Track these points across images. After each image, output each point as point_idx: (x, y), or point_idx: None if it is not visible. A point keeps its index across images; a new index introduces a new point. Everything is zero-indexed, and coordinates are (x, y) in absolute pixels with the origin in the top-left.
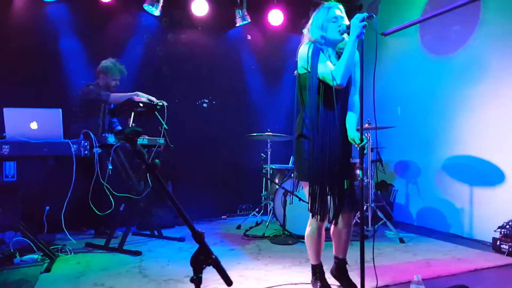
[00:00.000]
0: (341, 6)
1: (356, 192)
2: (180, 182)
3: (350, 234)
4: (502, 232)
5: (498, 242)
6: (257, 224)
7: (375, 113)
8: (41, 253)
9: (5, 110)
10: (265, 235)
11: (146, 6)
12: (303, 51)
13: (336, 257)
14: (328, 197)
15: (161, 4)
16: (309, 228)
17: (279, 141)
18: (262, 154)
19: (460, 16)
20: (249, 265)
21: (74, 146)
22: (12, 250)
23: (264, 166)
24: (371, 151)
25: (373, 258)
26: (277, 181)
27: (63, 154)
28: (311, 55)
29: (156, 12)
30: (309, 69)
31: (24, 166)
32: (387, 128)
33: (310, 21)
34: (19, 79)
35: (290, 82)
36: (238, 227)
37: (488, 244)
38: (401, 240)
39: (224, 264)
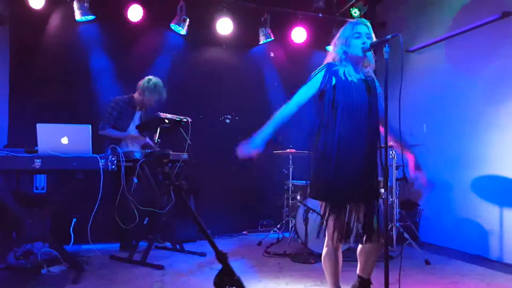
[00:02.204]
0: (368, 24)
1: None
2: (202, 197)
3: (377, 254)
4: None
5: None
6: (278, 241)
7: (400, 130)
8: (68, 265)
9: (38, 125)
10: (286, 252)
11: (173, 26)
12: (314, 72)
13: (359, 276)
14: (346, 217)
15: (187, 23)
16: (325, 249)
17: (302, 157)
18: (284, 170)
19: (488, 32)
20: (270, 284)
21: (102, 160)
22: (40, 261)
23: (286, 182)
24: (396, 169)
25: (399, 281)
26: (298, 197)
27: (92, 168)
28: (322, 77)
29: (183, 31)
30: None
31: (54, 179)
32: (413, 146)
33: (336, 36)
34: (52, 95)
35: (312, 98)
36: (259, 243)
37: None
38: (427, 262)
39: (245, 281)
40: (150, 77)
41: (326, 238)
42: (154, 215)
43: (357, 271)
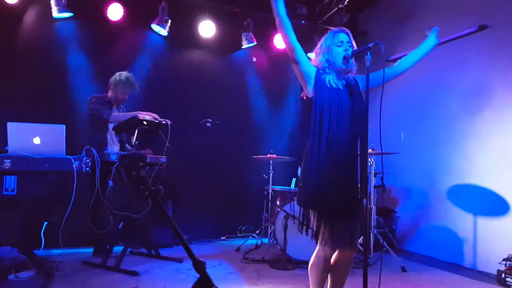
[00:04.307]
0: (349, 32)
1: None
2: (180, 201)
3: (349, 269)
4: (507, 265)
5: (503, 275)
6: (257, 246)
7: (381, 138)
8: (37, 270)
9: (8, 124)
10: (265, 259)
11: (154, 26)
12: None
13: None
14: (333, 225)
15: (169, 24)
16: (315, 257)
17: (282, 163)
18: (264, 175)
19: (465, 44)
20: None
21: (76, 162)
22: (7, 266)
23: (265, 188)
24: (374, 176)
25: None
26: (278, 203)
27: (65, 170)
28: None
29: (164, 32)
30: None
31: (25, 180)
32: (390, 154)
33: (317, 46)
34: (25, 93)
35: (293, 104)
36: (237, 249)
37: (492, 276)
38: (404, 269)
39: None
40: (121, 72)
41: (318, 246)
42: (130, 219)
43: None
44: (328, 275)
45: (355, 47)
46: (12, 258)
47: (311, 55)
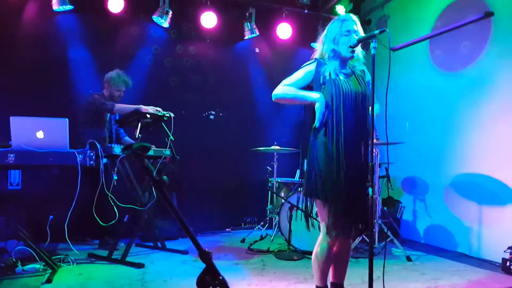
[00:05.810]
0: (356, 19)
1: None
2: (185, 194)
3: (349, 256)
4: None
5: (507, 263)
6: (262, 238)
7: (387, 128)
8: (43, 263)
9: (11, 118)
10: (270, 249)
11: (156, 18)
12: (306, 63)
13: (333, 284)
14: (345, 212)
15: (170, 16)
16: (318, 247)
17: (286, 154)
18: (268, 167)
19: (470, 32)
20: (253, 281)
21: (80, 156)
22: (14, 259)
23: (270, 179)
24: (379, 167)
25: (383, 278)
26: (282, 194)
27: (69, 164)
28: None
29: (165, 24)
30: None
31: (29, 174)
32: (395, 143)
33: (323, 33)
34: (27, 87)
35: None
36: (243, 240)
37: (497, 264)
38: (408, 258)
39: (228, 279)
40: (109, 72)
41: (322, 235)
42: (135, 212)
43: (331, 279)
44: (332, 267)
45: (361, 33)
46: (18, 251)
47: (316, 45)
